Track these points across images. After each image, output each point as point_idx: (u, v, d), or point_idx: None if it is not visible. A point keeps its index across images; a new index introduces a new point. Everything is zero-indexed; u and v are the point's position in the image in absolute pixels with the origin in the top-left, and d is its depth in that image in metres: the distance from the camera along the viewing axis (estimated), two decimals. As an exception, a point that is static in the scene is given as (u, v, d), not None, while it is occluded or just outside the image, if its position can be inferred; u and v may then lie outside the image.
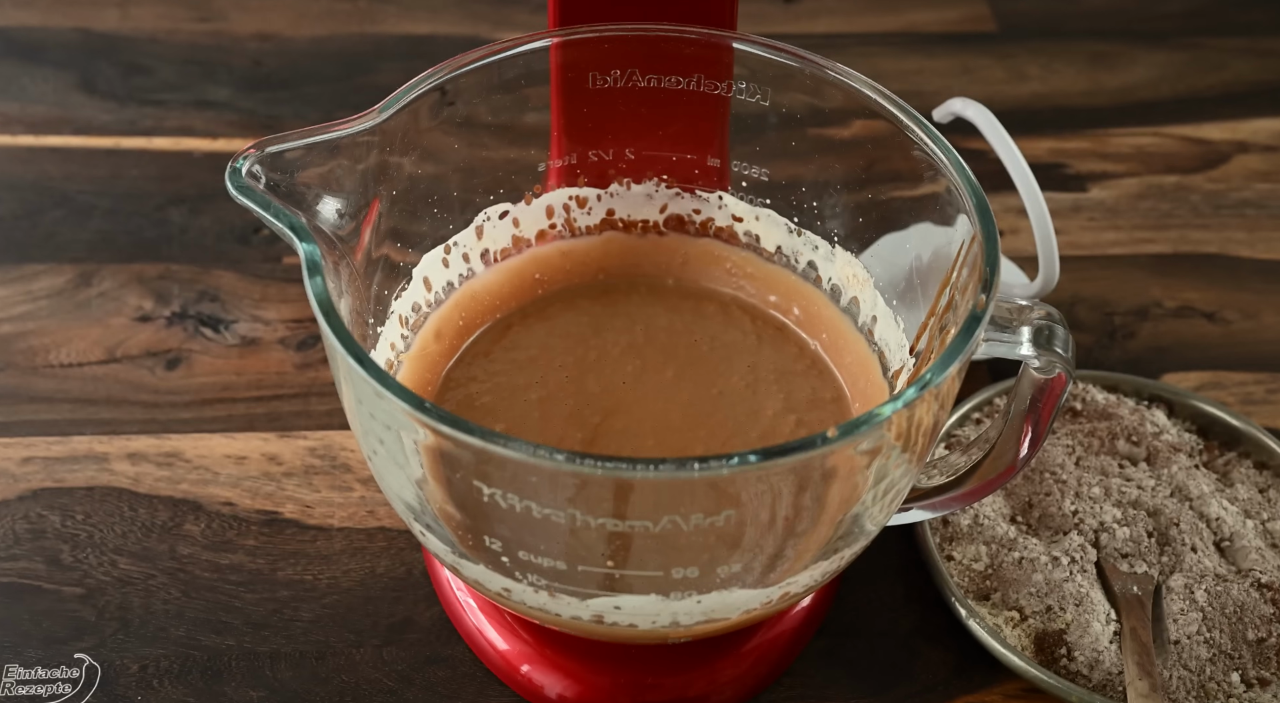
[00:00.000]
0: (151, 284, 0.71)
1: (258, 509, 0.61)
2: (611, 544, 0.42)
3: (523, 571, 0.43)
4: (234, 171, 0.44)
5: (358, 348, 0.39)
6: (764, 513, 0.42)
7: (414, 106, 0.49)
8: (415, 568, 0.59)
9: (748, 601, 0.45)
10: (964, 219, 0.46)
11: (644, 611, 0.44)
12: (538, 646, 0.54)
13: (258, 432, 0.64)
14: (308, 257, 0.42)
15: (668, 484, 0.38)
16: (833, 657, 0.56)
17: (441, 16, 0.93)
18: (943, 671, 0.56)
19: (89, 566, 0.58)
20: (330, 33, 0.91)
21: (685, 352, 0.56)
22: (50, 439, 0.63)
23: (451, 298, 0.56)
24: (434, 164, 0.53)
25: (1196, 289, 0.76)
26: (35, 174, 0.77)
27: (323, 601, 0.57)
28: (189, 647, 0.55)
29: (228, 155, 0.79)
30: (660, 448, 0.52)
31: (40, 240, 0.73)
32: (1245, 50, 0.96)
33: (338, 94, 0.85)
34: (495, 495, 0.40)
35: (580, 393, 0.54)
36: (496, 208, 0.57)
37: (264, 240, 0.74)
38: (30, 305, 0.69)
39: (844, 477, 0.42)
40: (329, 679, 0.54)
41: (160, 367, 0.67)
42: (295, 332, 0.69)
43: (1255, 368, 0.71)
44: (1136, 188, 0.82)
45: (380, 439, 0.42)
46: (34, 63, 0.85)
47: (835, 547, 0.45)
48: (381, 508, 0.61)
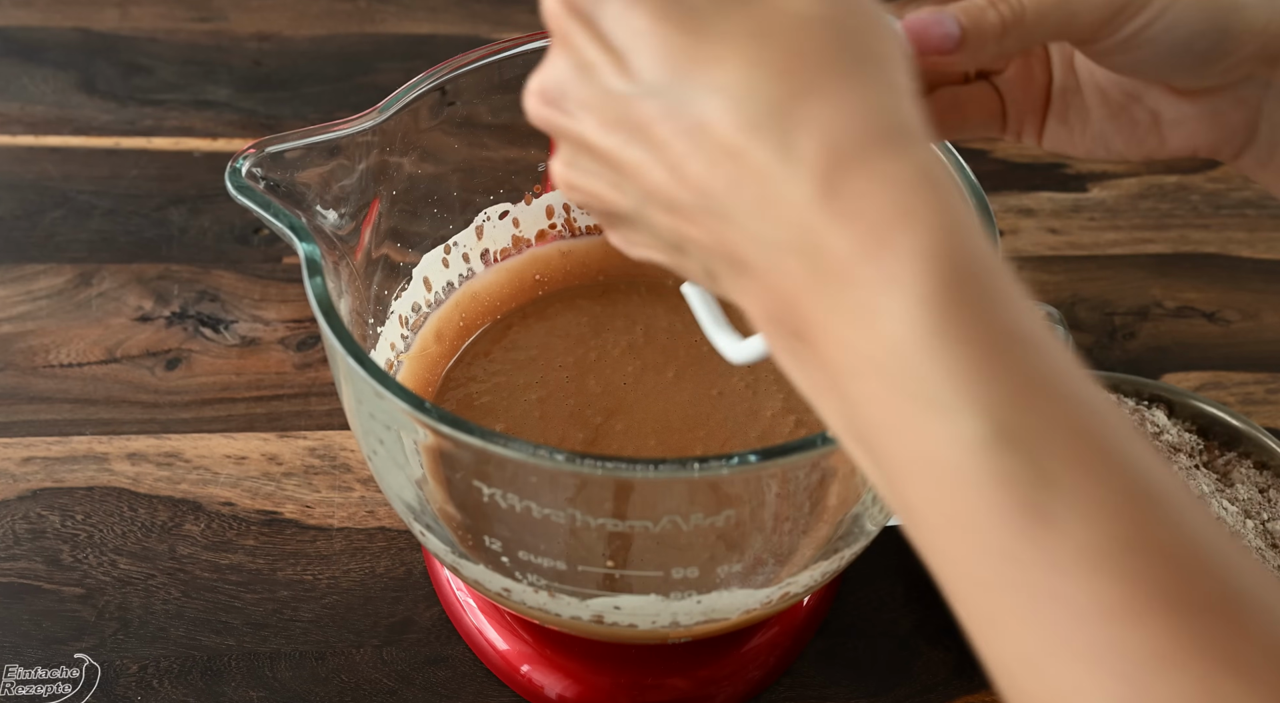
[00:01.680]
0: (151, 284, 0.71)
1: (258, 509, 0.60)
2: (611, 544, 0.42)
3: (523, 571, 0.43)
4: (234, 171, 0.44)
5: (358, 348, 0.39)
6: (764, 513, 0.42)
7: (414, 106, 0.49)
8: (415, 568, 0.59)
9: (747, 601, 0.45)
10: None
11: (644, 611, 0.44)
12: (538, 646, 0.54)
13: (258, 432, 0.64)
14: (308, 257, 0.42)
15: (668, 484, 0.38)
16: (833, 657, 0.56)
17: (441, 16, 0.93)
18: (943, 671, 0.56)
19: (89, 566, 0.58)
20: (330, 33, 0.91)
21: (685, 352, 0.56)
22: (50, 439, 0.63)
23: (451, 298, 0.56)
24: (434, 164, 0.53)
25: (1196, 289, 0.76)
26: (35, 174, 0.77)
27: (323, 601, 0.57)
28: (189, 647, 0.55)
29: (228, 155, 0.79)
30: (661, 448, 0.52)
31: (40, 240, 0.73)
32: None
33: (338, 94, 0.85)
34: (495, 496, 0.40)
35: (581, 393, 0.54)
36: (496, 208, 0.57)
37: (264, 240, 0.74)
38: (30, 305, 0.69)
39: (843, 477, 0.42)
40: (329, 679, 0.54)
41: (160, 367, 0.67)
42: (295, 332, 0.69)
43: (1255, 368, 0.71)
44: (1136, 188, 0.82)
45: (380, 439, 0.42)
46: (34, 63, 0.85)
47: (835, 547, 0.45)
48: (381, 508, 0.61)
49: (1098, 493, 0.26)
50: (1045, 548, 0.26)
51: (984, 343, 0.27)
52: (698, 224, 0.31)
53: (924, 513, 0.29)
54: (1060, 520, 0.26)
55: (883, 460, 0.29)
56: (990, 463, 0.26)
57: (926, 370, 0.27)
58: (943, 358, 0.27)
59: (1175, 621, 0.25)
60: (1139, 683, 0.25)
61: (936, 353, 0.27)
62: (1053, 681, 0.26)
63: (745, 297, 0.31)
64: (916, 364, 0.27)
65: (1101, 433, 0.27)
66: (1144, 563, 0.25)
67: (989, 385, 0.26)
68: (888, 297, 0.27)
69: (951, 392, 0.27)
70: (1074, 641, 0.25)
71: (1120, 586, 0.25)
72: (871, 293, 0.27)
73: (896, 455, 0.28)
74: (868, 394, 0.28)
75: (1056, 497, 0.26)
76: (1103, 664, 0.25)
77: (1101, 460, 0.26)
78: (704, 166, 0.29)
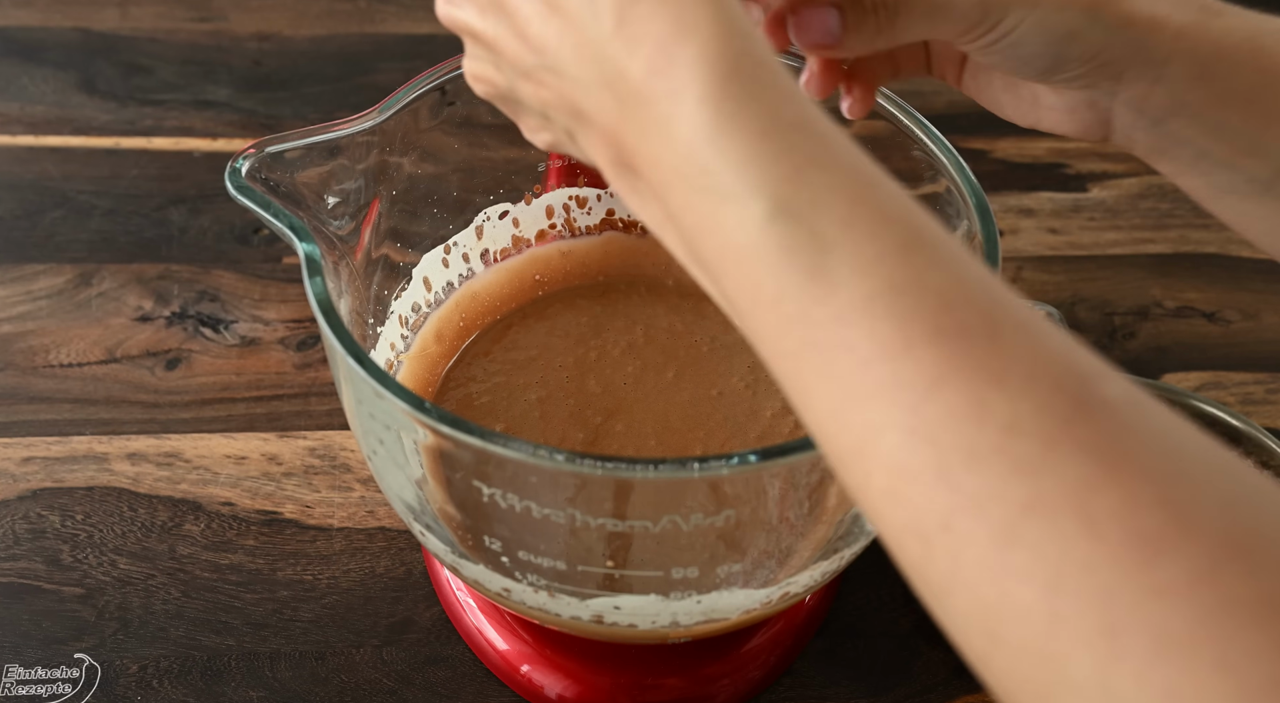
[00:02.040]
0: (151, 284, 0.71)
1: (257, 509, 0.60)
2: (611, 544, 0.42)
3: (523, 571, 0.43)
4: (234, 171, 0.44)
5: (358, 348, 0.39)
6: (763, 513, 0.42)
7: (414, 106, 0.49)
8: (415, 568, 0.59)
9: (747, 601, 0.45)
10: (964, 219, 0.46)
11: (644, 611, 0.44)
12: (538, 646, 0.54)
13: (257, 432, 0.64)
14: (308, 257, 0.42)
15: (668, 484, 0.38)
16: (833, 657, 0.56)
17: (441, 16, 0.93)
18: (943, 671, 0.56)
19: (89, 566, 0.58)
20: (330, 33, 0.91)
21: (685, 352, 0.56)
22: (50, 439, 0.63)
23: (451, 298, 0.56)
24: (434, 164, 0.53)
25: (1196, 289, 0.76)
26: (35, 174, 0.77)
27: (323, 601, 0.57)
28: (189, 647, 0.55)
29: (228, 155, 0.79)
30: (661, 448, 0.52)
31: (40, 240, 0.73)
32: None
33: (338, 94, 0.85)
34: (495, 496, 0.40)
35: (581, 393, 0.54)
36: (496, 208, 0.57)
37: (264, 240, 0.74)
38: (30, 305, 0.69)
39: (844, 477, 0.42)
40: (329, 679, 0.54)
41: (160, 367, 0.67)
42: (295, 332, 0.69)
43: (1255, 368, 0.71)
44: (1136, 188, 0.82)
45: (380, 439, 0.42)
46: (34, 63, 0.85)
47: (835, 547, 0.45)
48: (381, 508, 0.61)
49: (870, 248, 0.29)
50: (829, 304, 0.28)
51: (759, 131, 0.29)
52: (546, 85, 0.34)
53: (737, 301, 0.31)
54: (839, 277, 0.28)
55: (706, 265, 0.32)
56: (774, 238, 0.29)
57: (713, 164, 0.29)
58: (724, 150, 0.29)
59: (944, 348, 0.27)
60: (917, 409, 0.27)
61: (719, 146, 0.29)
62: (854, 426, 0.29)
63: (593, 150, 0.34)
64: (705, 161, 0.30)
65: (873, 197, 0.29)
66: (914, 302, 0.28)
67: (766, 168, 0.29)
68: (676, 105, 0.30)
69: (735, 179, 0.29)
70: (863, 383, 0.28)
71: (893, 324, 0.28)
72: (664, 106, 0.30)
73: (711, 254, 0.31)
74: (680, 203, 0.31)
75: (834, 257, 0.29)
76: (886, 397, 0.28)
77: (870, 218, 0.29)
78: (539, 25, 0.33)
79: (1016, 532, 0.26)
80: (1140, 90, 0.43)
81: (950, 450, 0.27)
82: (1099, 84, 0.44)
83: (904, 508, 0.28)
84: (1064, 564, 0.25)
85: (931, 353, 0.27)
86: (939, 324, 0.28)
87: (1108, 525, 0.25)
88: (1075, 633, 0.25)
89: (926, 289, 0.28)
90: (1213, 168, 0.44)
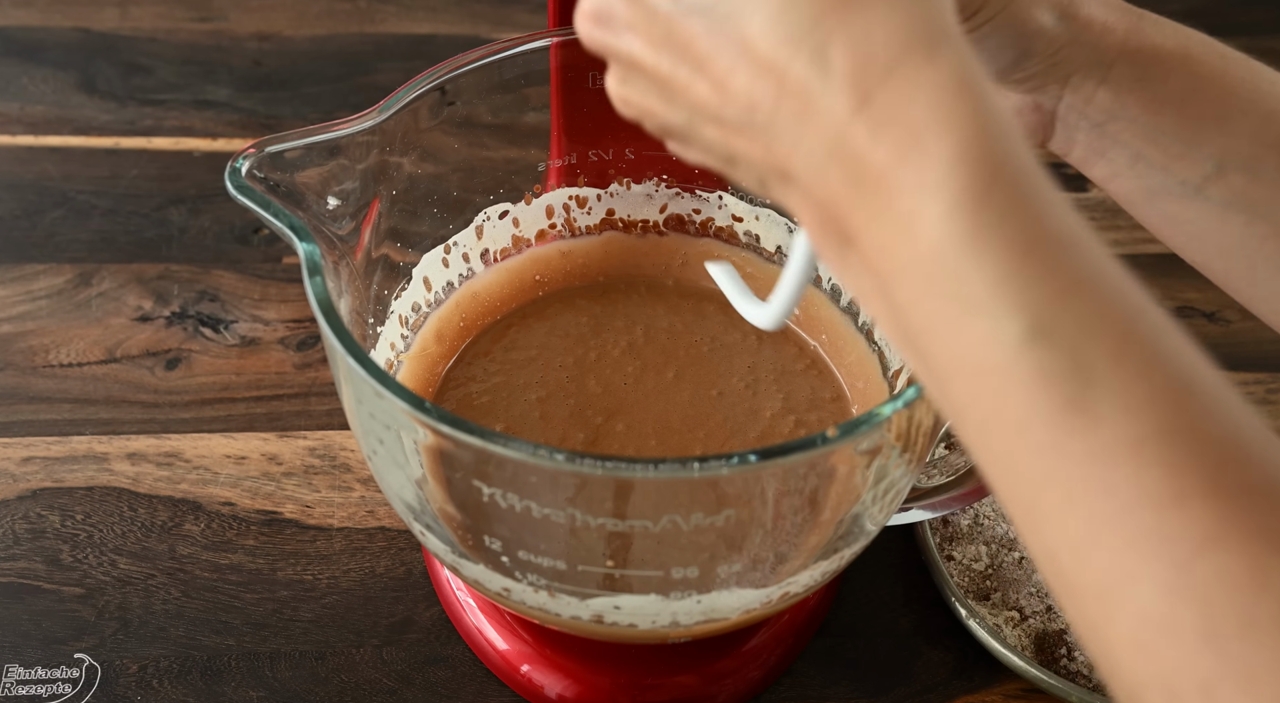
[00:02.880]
0: (151, 284, 0.71)
1: (257, 509, 0.60)
2: (611, 544, 0.42)
3: (523, 571, 0.43)
4: (234, 171, 0.44)
5: (358, 348, 0.39)
6: (763, 513, 0.42)
7: (414, 106, 0.49)
8: (415, 568, 0.59)
9: (747, 600, 0.45)
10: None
11: (644, 610, 0.44)
12: (538, 646, 0.54)
13: (257, 432, 0.64)
14: (308, 257, 0.42)
15: (668, 484, 0.38)
16: (833, 657, 0.56)
17: (441, 16, 0.93)
18: (943, 671, 0.56)
19: (89, 566, 0.58)
20: (330, 33, 0.91)
21: (685, 352, 0.56)
22: (50, 439, 0.63)
23: (451, 298, 0.56)
24: (434, 164, 0.53)
25: (1196, 289, 0.76)
26: (35, 174, 0.77)
27: (323, 601, 0.57)
28: (189, 647, 0.55)
29: (228, 155, 0.79)
30: (661, 448, 0.52)
31: (40, 240, 0.73)
32: (1246, 50, 0.95)
33: (338, 94, 0.85)
34: (495, 495, 0.40)
35: (581, 393, 0.54)
36: (496, 208, 0.57)
37: (264, 240, 0.74)
38: (30, 305, 0.69)
39: (844, 477, 0.42)
40: (329, 679, 0.54)
41: (160, 367, 0.67)
42: (295, 332, 0.69)
43: (1255, 368, 0.71)
44: (1136, 188, 0.82)
45: (380, 439, 0.42)
46: (34, 63, 0.85)
47: (835, 547, 0.45)
48: (381, 508, 0.61)
49: (1138, 386, 0.27)
50: (1088, 440, 0.26)
51: (1019, 244, 0.27)
52: (744, 137, 0.32)
53: (970, 412, 0.29)
54: (1102, 413, 0.26)
55: (930, 362, 0.30)
56: (1030, 361, 0.27)
57: (964, 273, 0.28)
58: (978, 260, 0.27)
59: (1221, 504, 0.25)
60: (1186, 565, 0.25)
61: (972, 256, 0.27)
62: (1100, 568, 0.27)
63: (794, 206, 0.33)
64: (954, 268, 0.28)
65: (1140, 328, 0.27)
66: (1187, 451, 0.26)
67: (1025, 285, 0.27)
68: (923, 202, 0.28)
69: (988, 293, 0.27)
70: (1120, 528, 0.26)
71: (1165, 473, 0.26)
72: (908, 199, 0.28)
73: (941, 357, 0.29)
74: (911, 298, 0.29)
75: (1097, 390, 0.27)
76: (1150, 549, 0.26)
77: (1140, 354, 0.27)
78: (746, 82, 0.30)
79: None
80: (1085, 93, 0.44)
81: (1223, 616, 0.25)
82: (1047, 87, 0.44)
83: (1154, 662, 0.26)
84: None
85: (1207, 509, 0.25)
86: (1217, 478, 0.26)
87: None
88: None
89: (1202, 438, 0.26)
90: (1147, 170, 0.44)
